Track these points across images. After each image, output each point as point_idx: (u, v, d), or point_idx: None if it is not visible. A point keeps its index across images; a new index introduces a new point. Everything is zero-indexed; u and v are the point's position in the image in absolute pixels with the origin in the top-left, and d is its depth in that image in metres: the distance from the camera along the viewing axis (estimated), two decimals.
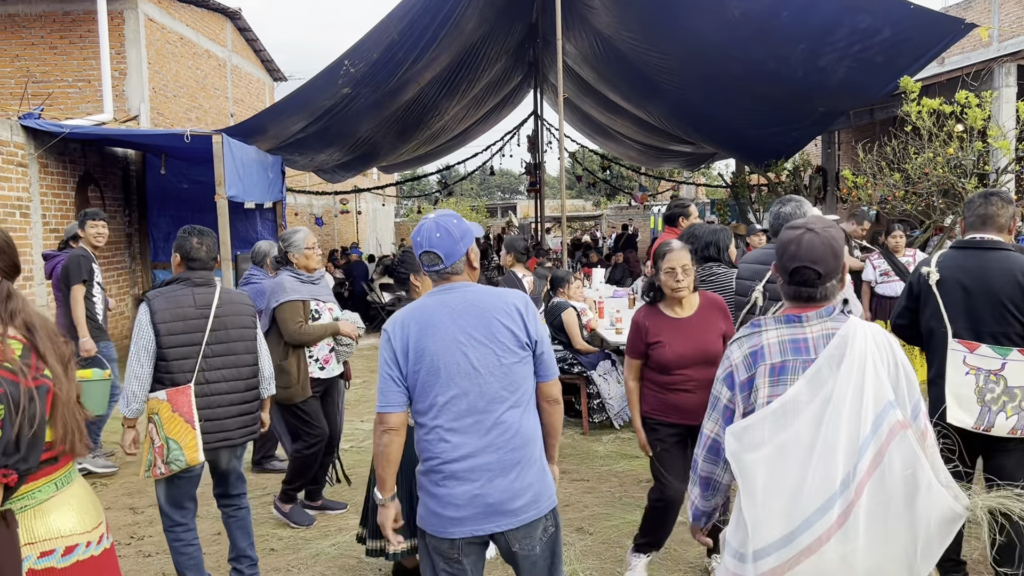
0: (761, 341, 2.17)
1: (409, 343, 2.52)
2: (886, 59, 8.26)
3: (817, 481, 1.94)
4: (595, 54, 11.74)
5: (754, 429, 2.06)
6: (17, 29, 11.92)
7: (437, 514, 2.50)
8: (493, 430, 2.49)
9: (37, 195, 9.26)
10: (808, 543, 1.94)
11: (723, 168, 21.33)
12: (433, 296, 2.60)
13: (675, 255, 3.68)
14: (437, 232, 2.56)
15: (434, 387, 2.50)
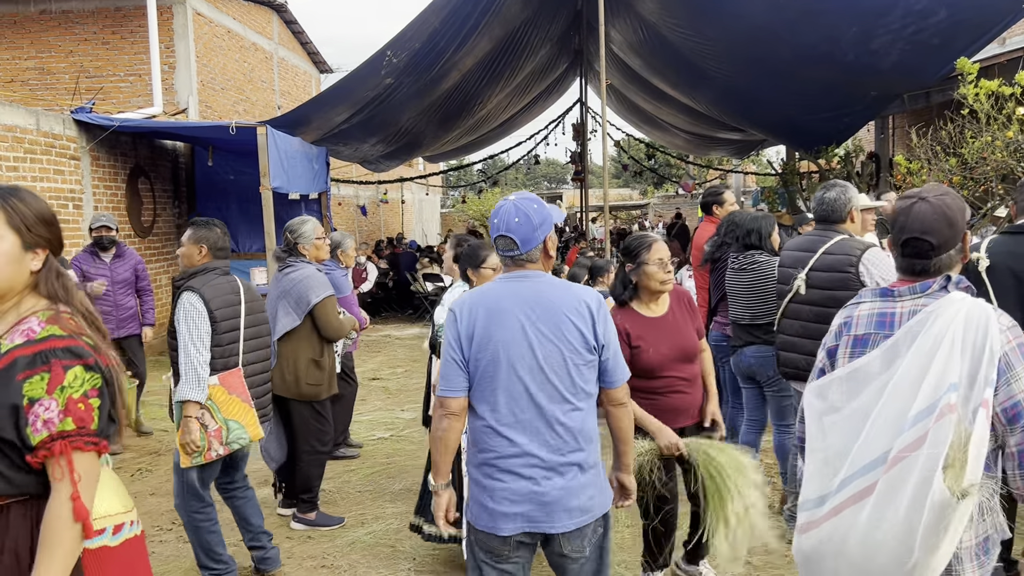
0: (854, 312, 2.20)
1: (475, 328, 2.42)
2: (942, 41, 7.97)
3: (861, 450, 1.97)
4: (640, 41, 11.57)
5: (826, 391, 2.11)
6: (71, 25, 12.19)
7: (489, 509, 2.41)
8: (553, 429, 2.39)
9: (89, 187, 9.47)
10: (833, 506, 2.00)
11: (773, 155, 20.93)
12: (504, 282, 2.49)
13: (660, 245, 3.46)
14: (516, 217, 2.45)
15: (496, 378, 2.40)
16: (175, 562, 4.32)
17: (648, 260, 3.40)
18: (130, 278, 6.60)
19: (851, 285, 3.75)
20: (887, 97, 9.89)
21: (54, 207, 8.53)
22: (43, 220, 1.86)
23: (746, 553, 3.35)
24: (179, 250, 3.90)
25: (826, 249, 3.90)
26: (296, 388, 4.56)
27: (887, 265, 3.76)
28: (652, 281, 3.40)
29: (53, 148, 8.82)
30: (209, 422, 3.67)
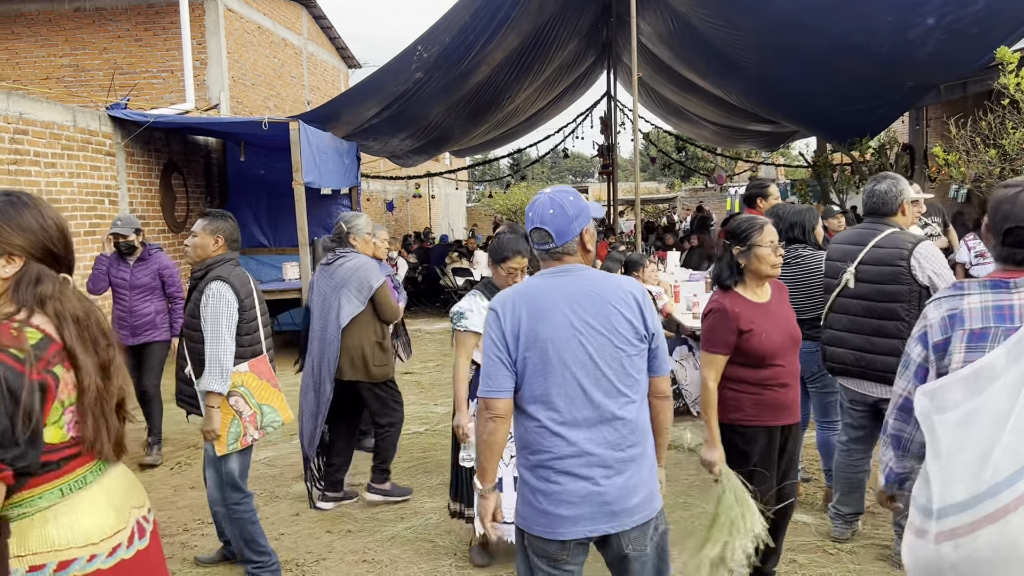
0: (962, 305, 2.10)
1: (520, 326, 2.34)
2: (981, 30, 7.82)
3: (1009, 451, 1.88)
4: (670, 32, 11.48)
5: (945, 391, 2.00)
6: (104, 23, 12.33)
7: (547, 513, 2.32)
8: (610, 425, 2.33)
9: (124, 183, 9.58)
10: (992, 510, 1.90)
11: (803, 147, 20.71)
12: (545, 278, 2.42)
13: (771, 228, 3.27)
14: (551, 208, 2.39)
15: (547, 376, 2.32)
16: None
17: (760, 242, 3.21)
18: (150, 283, 6.11)
19: (902, 279, 3.69)
20: (923, 88, 9.73)
21: (90, 203, 8.69)
22: (20, 228, 1.81)
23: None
24: (191, 240, 3.87)
25: (876, 242, 3.83)
26: (366, 371, 4.83)
27: (939, 259, 3.70)
28: (764, 264, 3.22)
29: (89, 144, 8.93)
30: (244, 408, 3.74)
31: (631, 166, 20.21)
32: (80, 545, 1.79)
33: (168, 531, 4.63)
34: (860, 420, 4.03)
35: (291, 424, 6.85)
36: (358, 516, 4.81)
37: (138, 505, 1.97)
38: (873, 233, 3.87)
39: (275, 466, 5.85)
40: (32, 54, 12.49)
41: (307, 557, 4.25)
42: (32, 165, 7.92)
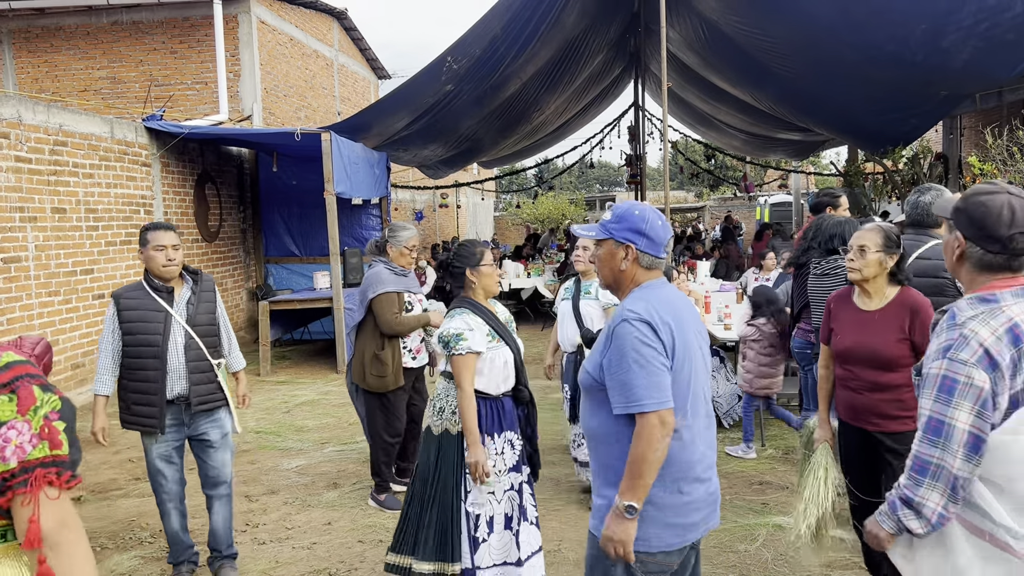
0: (1012, 317, 1.97)
1: (674, 337, 2.31)
2: (1018, 36, 7.70)
3: None
4: (699, 39, 11.44)
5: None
6: (141, 36, 12.56)
7: (675, 525, 2.33)
8: (712, 426, 2.50)
9: (159, 193, 9.73)
10: None
11: (834, 156, 20.53)
12: (665, 289, 2.47)
13: (860, 233, 3.31)
14: (659, 220, 2.49)
15: (690, 387, 2.36)
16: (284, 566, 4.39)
17: (853, 246, 3.31)
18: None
19: (946, 291, 3.64)
20: (958, 97, 9.61)
21: (126, 212, 8.85)
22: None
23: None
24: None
25: (920, 254, 3.77)
26: (364, 379, 4.95)
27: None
28: (853, 275, 3.34)
29: (126, 155, 9.09)
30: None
31: (659, 175, 20.13)
32: None
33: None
34: None
35: (322, 433, 6.94)
36: (389, 526, 4.82)
37: None
38: (916, 245, 3.82)
39: (306, 475, 5.90)
40: (71, 67, 12.76)
41: (339, 567, 4.27)
42: (71, 176, 8.07)
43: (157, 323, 3.86)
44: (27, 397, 1.50)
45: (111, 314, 3.89)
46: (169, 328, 3.88)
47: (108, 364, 3.90)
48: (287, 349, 11.41)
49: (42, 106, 7.79)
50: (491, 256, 3.66)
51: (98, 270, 8.44)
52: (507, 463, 3.48)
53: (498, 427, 3.47)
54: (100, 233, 8.50)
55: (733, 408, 6.69)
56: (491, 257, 3.65)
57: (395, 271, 5.00)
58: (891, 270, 3.27)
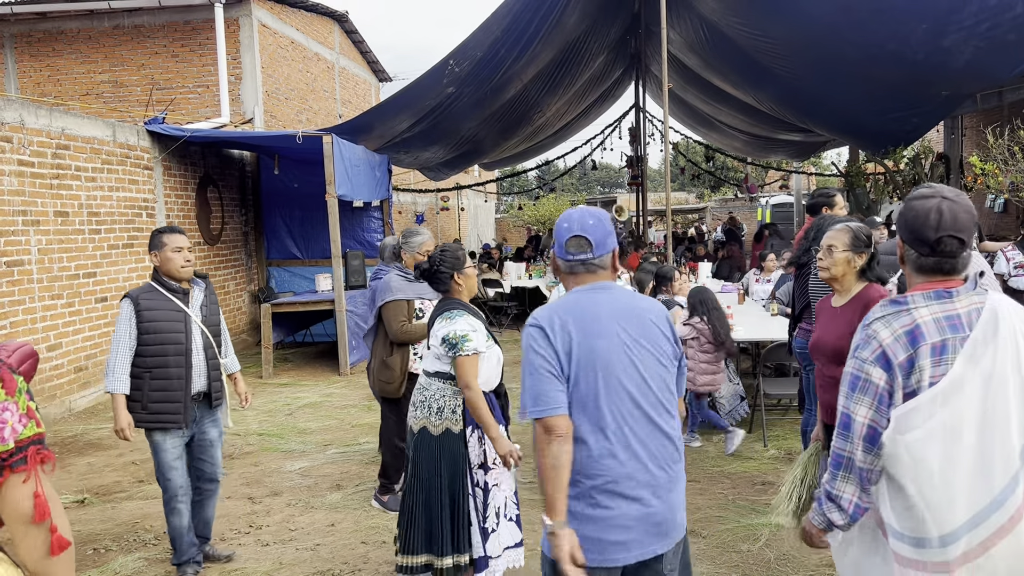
0: (915, 319, 2.03)
1: (572, 343, 2.25)
2: (1019, 37, 7.70)
3: (997, 458, 1.88)
4: (700, 41, 11.45)
5: (920, 411, 1.97)
6: (142, 40, 12.59)
7: (597, 540, 2.23)
8: (659, 442, 2.30)
9: (161, 196, 9.75)
10: (1001, 523, 1.88)
11: (835, 157, 20.53)
12: (585, 293, 2.35)
13: (830, 234, 3.45)
14: (590, 219, 2.36)
15: (601, 396, 2.24)
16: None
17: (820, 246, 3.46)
18: None
19: None
20: (959, 96, 9.61)
21: (128, 216, 8.87)
22: None
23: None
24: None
25: None
26: (376, 385, 4.98)
27: (984, 268, 3.66)
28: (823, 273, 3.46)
29: (128, 158, 9.10)
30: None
31: (660, 176, 20.15)
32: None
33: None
34: None
35: (324, 435, 6.94)
36: (393, 527, 4.82)
37: None
38: None
39: (309, 476, 5.90)
40: (72, 71, 12.78)
41: (343, 568, 4.28)
42: (73, 179, 8.09)
43: (178, 322, 4.01)
44: (9, 380, 1.54)
45: (128, 315, 3.95)
46: (190, 328, 4.05)
47: (125, 363, 3.96)
48: (289, 352, 11.42)
49: (44, 110, 7.81)
50: (469, 259, 3.87)
51: (100, 273, 8.45)
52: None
53: (499, 420, 3.60)
54: (103, 236, 8.52)
55: (735, 409, 6.70)
56: (470, 259, 3.87)
57: (407, 277, 4.94)
58: (862, 268, 3.37)
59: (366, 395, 8.36)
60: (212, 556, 4.38)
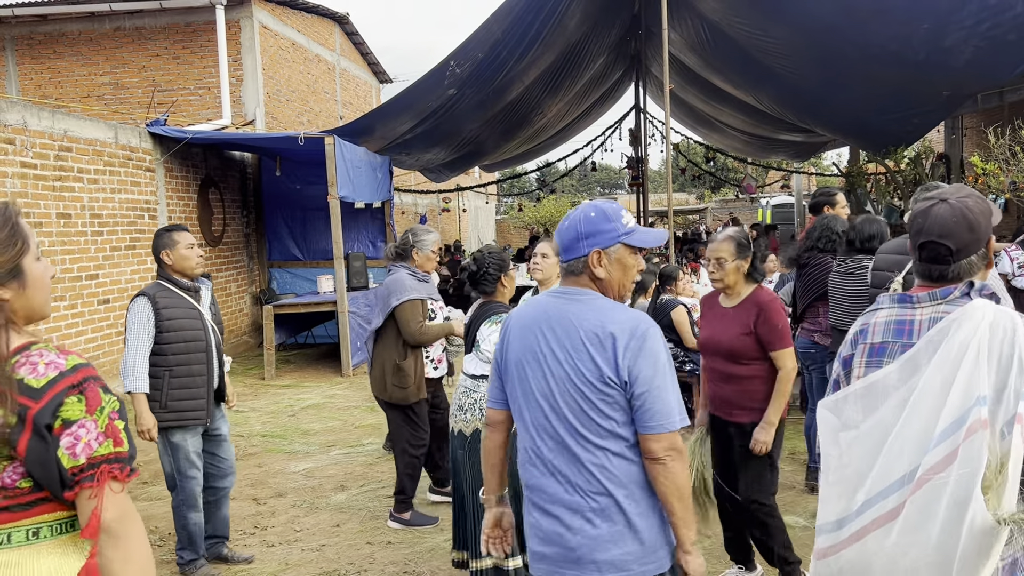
0: (871, 320, 2.08)
1: (507, 344, 2.27)
2: (1019, 37, 7.71)
3: (882, 469, 1.85)
4: (701, 41, 11.46)
5: (842, 406, 1.99)
6: (143, 41, 12.60)
7: (528, 543, 2.26)
8: (574, 466, 2.10)
9: (163, 198, 9.76)
10: (855, 530, 1.89)
11: (835, 157, 20.54)
12: (546, 296, 2.27)
13: (711, 246, 3.66)
14: (567, 221, 2.25)
15: (519, 400, 2.23)
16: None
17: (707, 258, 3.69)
18: None
19: None
20: (960, 96, 9.62)
21: (131, 218, 8.87)
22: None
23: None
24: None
25: None
26: (385, 391, 4.71)
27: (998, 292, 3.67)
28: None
29: (130, 160, 9.11)
30: None
31: (660, 177, 20.17)
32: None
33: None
34: None
35: (328, 436, 6.95)
36: (398, 529, 4.84)
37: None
38: None
39: (313, 477, 5.91)
40: (73, 73, 12.79)
41: (348, 568, 4.28)
42: (76, 181, 8.09)
43: (196, 319, 4.05)
44: (94, 398, 1.59)
45: (146, 313, 3.93)
46: (206, 325, 4.09)
47: (145, 362, 3.94)
48: (291, 353, 11.42)
49: (47, 112, 7.82)
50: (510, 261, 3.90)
51: (103, 275, 8.46)
52: None
53: None
54: (105, 238, 8.52)
55: None
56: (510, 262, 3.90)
57: (417, 276, 4.76)
58: (747, 271, 3.59)
59: (369, 396, 8.35)
60: (231, 559, 4.35)
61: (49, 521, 1.61)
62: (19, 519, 1.58)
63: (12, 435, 1.53)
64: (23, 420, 1.53)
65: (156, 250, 4.04)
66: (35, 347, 1.61)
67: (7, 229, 1.63)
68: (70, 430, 1.55)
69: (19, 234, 1.65)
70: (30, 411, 1.54)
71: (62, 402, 1.56)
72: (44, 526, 1.60)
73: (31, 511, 1.59)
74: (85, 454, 1.56)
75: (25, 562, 1.58)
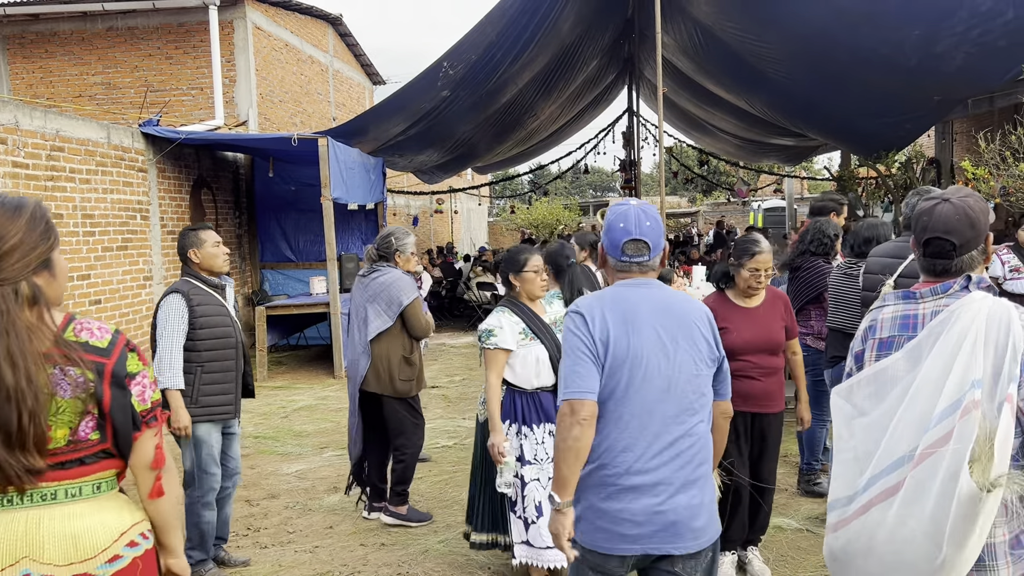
0: (879, 316, 2.22)
1: (609, 334, 2.27)
2: (1010, 43, 7.78)
3: (887, 448, 1.99)
4: (693, 45, 11.50)
5: (852, 393, 2.14)
6: (136, 41, 12.56)
7: (608, 530, 2.27)
8: (681, 442, 2.29)
9: (156, 199, 9.72)
10: (861, 504, 2.03)
11: (826, 161, 20.63)
12: (629, 288, 2.37)
13: (763, 257, 3.79)
14: (647, 221, 2.36)
15: (628, 389, 2.27)
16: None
17: (745, 265, 3.80)
18: None
19: None
20: (951, 102, 9.69)
21: (123, 218, 8.84)
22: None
23: None
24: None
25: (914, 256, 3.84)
26: (391, 385, 4.80)
27: None
28: (743, 283, 3.86)
29: (123, 161, 9.08)
30: None
31: (652, 180, 20.21)
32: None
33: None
34: None
35: (320, 438, 6.94)
36: (392, 529, 4.84)
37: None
38: (910, 247, 3.87)
39: (306, 479, 5.90)
40: (65, 72, 12.74)
41: (342, 570, 4.28)
42: (68, 181, 8.06)
43: (225, 316, 4.08)
44: (142, 354, 1.92)
45: (181, 310, 3.93)
46: (234, 322, 4.15)
47: (180, 358, 3.94)
48: (283, 355, 11.40)
49: (39, 111, 7.79)
50: (537, 262, 3.84)
51: (95, 276, 8.43)
52: (548, 453, 3.72)
53: (536, 418, 3.74)
54: (97, 239, 8.49)
55: None
56: (536, 262, 3.84)
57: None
58: None
59: None
60: (228, 561, 4.34)
61: (107, 477, 1.88)
62: (88, 473, 1.83)
63: (97, 387, 1.79)
64: (101, 374, 1.81)
65: (183, 249, 4.05)
66: (77, 317, 1.87)
67: (43, 224, 1.83)
68: (135, 380, 1.86)
69: (52, 229, 1.86)
70: (107, 367, 1.82)
71: (127, 357, 1.86)
72: (103, 481, 1.87)
73: (97, 465, 1.84)
74: (149, 399, 1.89)
75: (90, 514, 1.82)
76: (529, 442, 3.73)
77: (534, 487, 3.72)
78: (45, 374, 1.74)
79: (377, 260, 4.94)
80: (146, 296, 9.27)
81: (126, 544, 1.86)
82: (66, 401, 1.77)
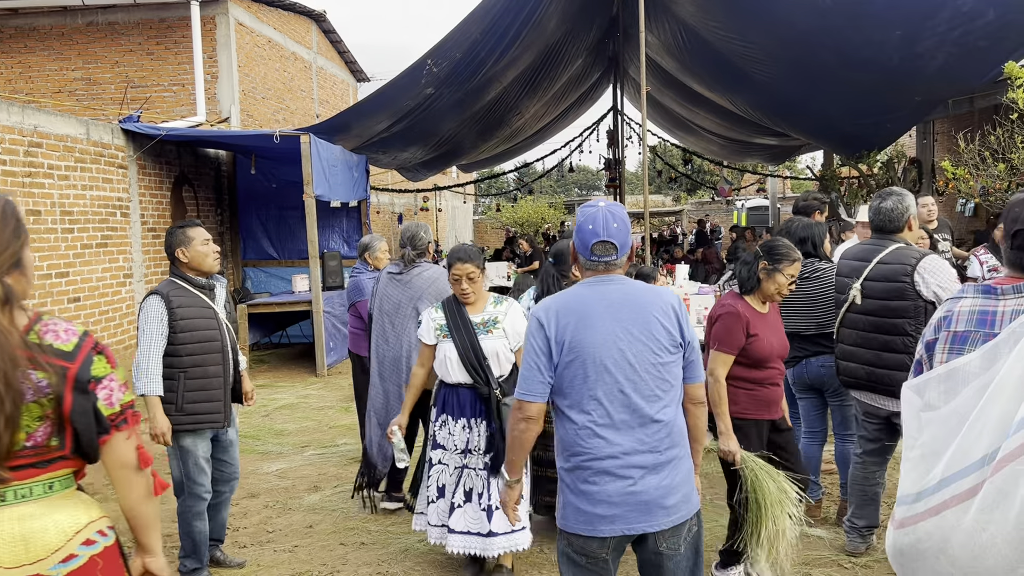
0: (955, 308, 2.14)
1: (566, 334, 2.44)
2: (990, 43, 7.84)
3: (960, 450, 1.92)
4: (678, 44, 11.52)
5: (925, 388, 2.06)
6: (116, 37, 12.44)
7: (586, 512, 2.44)
8: (648, 428, 2.44)
9: (136, 195, 9.64)
10: (932, 504, 1.97)
11: (809, 161, 20.74)
12: (589, 287, 2.52)
13: (800, 264, 3.75)
14: (614, 222, 2.49)
15: (589, 382, 2.43)
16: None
17: (784, 271, 3.70)
18: None
19: (907, 295, 3.72)
20: (932, 102, 9.76)
21: (102, 215, 8.76)
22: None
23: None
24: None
25: (881, 259, 3.86)
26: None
27: (945, 273, 3.71)
28: (774, 288, 3.71)
29: (102, 157, 8.99)
30: None
31: (637, 179, 20.26)
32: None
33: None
34: (874, 433, 4.03)
35: (301, 436, 6.90)
36: (371, 528, 4.82)
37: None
38: (878, 249, 3.90)
39: (287, 478, 5.87)
40: (45, 68, 12.60)
41: (321, 569, 4.26)
42: (46, 178, 7.97)
43: (211, 319, 3.91)
44: (111, 356, 1.90)
45: (160, 313, 3.76)
46: (221, 325, 3.97)
47: (159, 363, 3.77)
48: (265, 353, 11.34)
49: (16, 107, 7.69)
50: (462, 268, 3.84)
51: (73, 273, 8.34)
52: (457, 445, 3.89)
53: (455, 412, 3.89)
54: (75, 236, 8.40)
55: None
56: (461, 269, 3.83)
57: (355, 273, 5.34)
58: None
59: (343, 396, 8.32)
60: (225, 563, 4.29)
61: (60, 476, 1.85)
62: (40, 474, 1.81)
63: (58, 392, 1.77)
64: (64, 378, 1.78)
65: (170, 248, 3.88)
66: (44, 318, 1.85)
67: (14, 222, 1.82)
68: (102, 383, 1.84)
69: (22, 227, 1.84)
70: (70, 371, 1.79)
71: (92, 360, 1.83)
72: (56, 480, 1.84)
73: (49, 467, 1.82)
74: (118, 402, 1.87)
75: (41, 514, 1.80)
76: (444, 431, 3.91)
77: (439, 469, 3.93)
78: (26, 377, 1.72)
79: (415, 259, 4.79)
80: (126, 294, 9.18)
81: (81, 543, 1.84)
82: (25, 405, 1.74)
